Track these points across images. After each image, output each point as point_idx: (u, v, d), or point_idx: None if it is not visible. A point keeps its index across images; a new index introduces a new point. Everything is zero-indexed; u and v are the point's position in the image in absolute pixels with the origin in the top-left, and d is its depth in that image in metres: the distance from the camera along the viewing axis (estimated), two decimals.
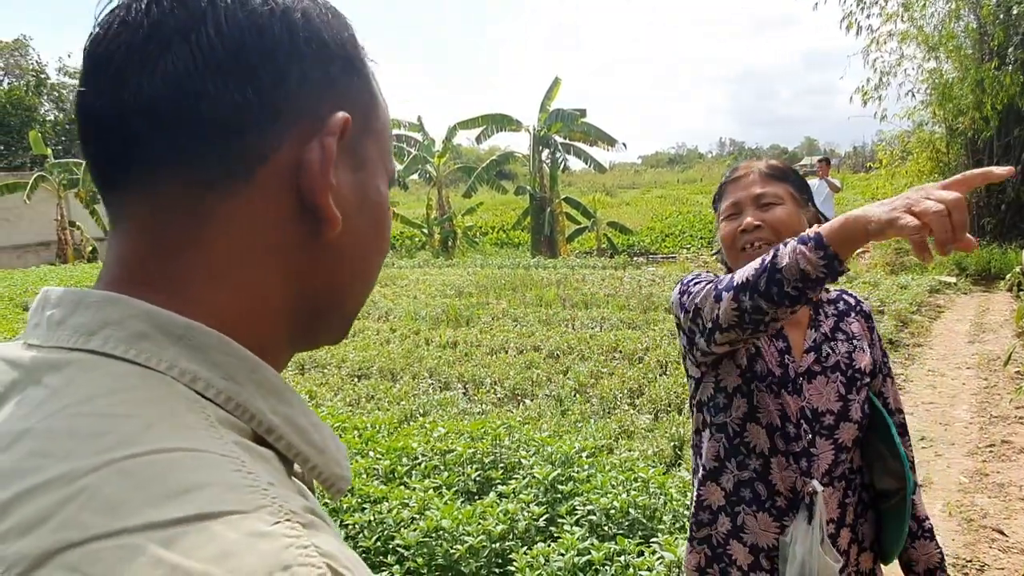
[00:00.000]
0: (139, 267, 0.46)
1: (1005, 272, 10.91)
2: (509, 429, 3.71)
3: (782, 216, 1.43)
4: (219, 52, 0.44)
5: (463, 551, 2.49)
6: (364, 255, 0.53)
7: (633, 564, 2.36)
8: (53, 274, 15.86)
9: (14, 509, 0.34)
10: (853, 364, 1.45)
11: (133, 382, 0.40)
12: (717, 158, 71.74)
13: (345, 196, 0.50)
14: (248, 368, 0.45)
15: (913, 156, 15.04)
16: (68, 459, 0.35)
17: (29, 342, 0.45)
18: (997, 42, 12.62)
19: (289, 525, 0.36)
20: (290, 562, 0.34)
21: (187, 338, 0.43)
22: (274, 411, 0.45)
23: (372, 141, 0.53)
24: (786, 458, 1.40)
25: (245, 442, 0.41)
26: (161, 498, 0.34)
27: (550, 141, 20.03)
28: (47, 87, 36.35)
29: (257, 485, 0.37)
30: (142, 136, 0.44)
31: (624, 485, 3.02)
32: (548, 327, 8.44)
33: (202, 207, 0.45)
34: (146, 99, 0.44)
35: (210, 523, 0.33)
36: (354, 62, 0.51)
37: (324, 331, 0.55)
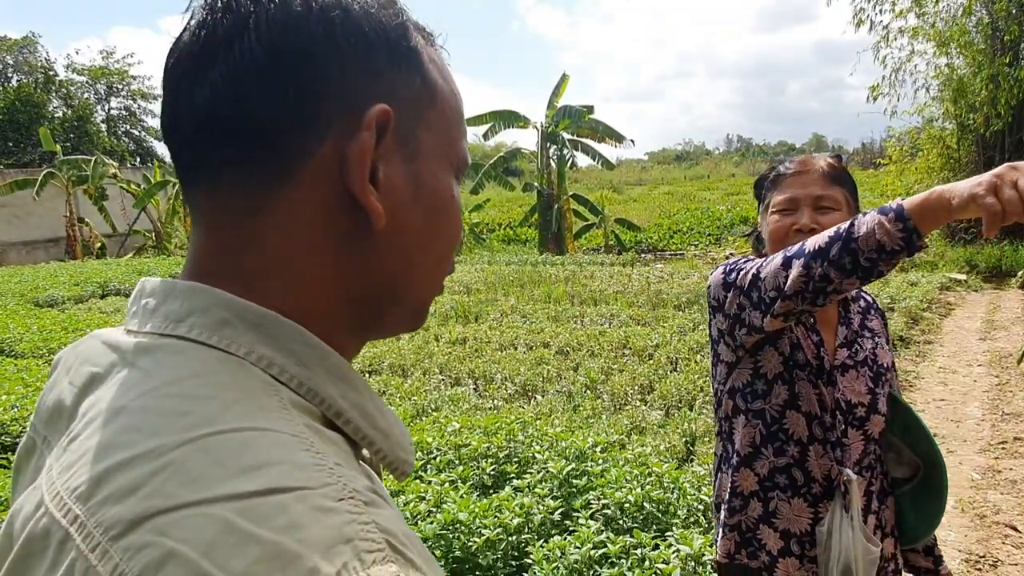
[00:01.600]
0: (213, 261, 0.49)
1: (1016, 269, 10.87)
2: (523, 424, 3.72)
3: (838, 223, 1.35)
4: (260, 58, 0.46)
5: (480, 544, 2.50)
6: (421, 245, 0.53)
7: (649, 557, 2.37)
8: (63, 270, 15.95)
9: (111, 478, 0.38)
10: (878, 360, 1.50)
11: (215, 366, 0.44)
12: (724, 154, 71.50)
13: (396, 187, 0.50)
14: (319, 355, 0.47)
15: (923, 152, 14.98)
16: (157, 435, 0.39)
17: (128, 328, 0.49)
18: (1010, 37, 12.54)
19: (352, 503, 0.38)
20: (352, 536, 0.36)
21: (263, 326, 0.46)
22: (343, 396, 0.47)
23: (428, 130, 0.53)
24: (823, 446, 1.43)
25: (315, 425, 0.44)
26: (237, 473, 0.37)
27: (558, 138, 20.01)
28: (56, 84, 36.52)
29: (324, 464, 0.39)
30: (198, 142, 0.48)
31: (638, 480, 3.03)
32: (557, 324, 8.45)
33: (256, 205, 0.48)
34: (198, 108, 0.47)
35: (280, 497, 0.36)
36: (402, 52, 0.51)
37: (391, 320, 0.55)
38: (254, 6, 0.47)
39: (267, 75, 0.46)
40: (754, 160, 59.96)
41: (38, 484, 0.43)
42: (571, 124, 19.64)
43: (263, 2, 0.47)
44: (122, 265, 16.90)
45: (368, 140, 0.47)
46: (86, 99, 37.59)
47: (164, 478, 0.36)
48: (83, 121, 34.60)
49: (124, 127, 40.00)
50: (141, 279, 0.52)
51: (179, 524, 0.35)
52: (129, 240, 24.55)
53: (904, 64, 14.32)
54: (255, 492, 0.36)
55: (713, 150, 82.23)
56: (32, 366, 5.82)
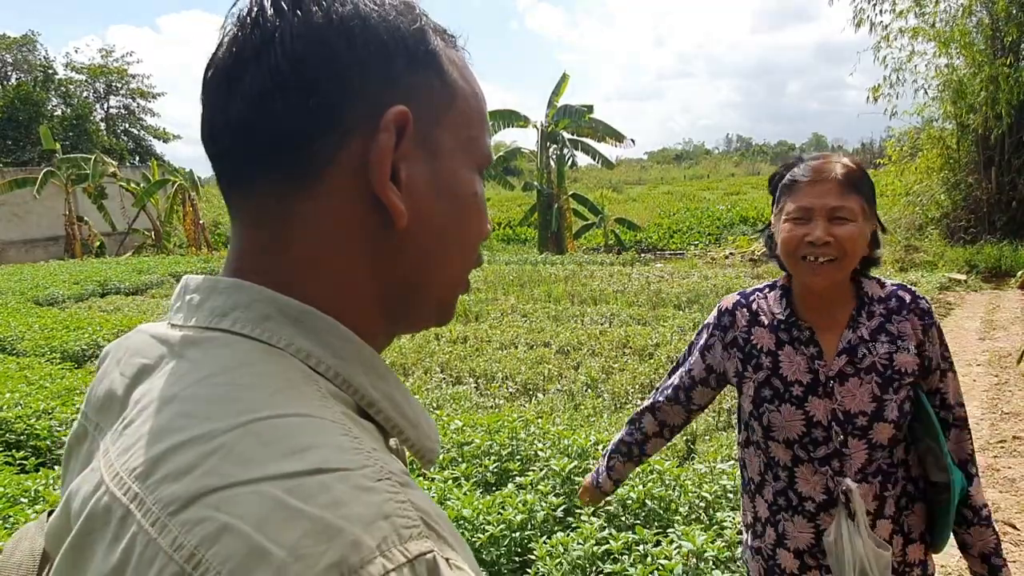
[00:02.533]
0: (253, 260, 0.53)
1: (1016, 269, 10.89)
2: (525, 423, 3.74)
3: (853, 234, 1.37)
4: (284, 70, 0.48)
5: (484, 540, 2.52)
6: (445, 241, 0.55)
7: (651, 553, 2.39)
8: (63, 269, 15.96)
9: (167, 459, 0.41)
10: (892, 365, 1.43)
11: (258, 357, 0.47)
12: (724, 154, 71.53)
13: (419, 186, 0.52)
14: (353, 348, 0.51)
15: (923, 152, 15.00)
16: (209, 420, 0.42)
17: (172, 322, 0.53)
18: (1011, 38, 12.56)
19: (389, 483, 0.41)
20: (390, 513, 0.39)
21: (303, 321, 0.49)
22: (375, 387, 0.51)
23: (448, 130, 0.54)
24: (812, 464, 1.45)
25: (350, 412, 0.47)
26: (284, 454, 0.40)
27: (558, 137, 20.02)
28: (55, 83, 36.45)
29: (362, 448, 0.42)
30: (233, 151, 0.52)
31: (640, 477, 3.05)
32: (557, 323, 8.46)
33: (288, 208, 0.51)
34: (232, 119, 0.50)
35: (324, 476, 0.39)
36: (420, 56, 0.53)
37: (418, 314, 0.58)
38: (280, 21, 0.49)
39: (292, 87, 0.48)
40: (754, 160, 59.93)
41: (96, 467, 0.46)
42: (571, 123, 19.65)
43: (288, 17, 0.49)
44: (122, 264, 16.90)
45: (387, 141, 0.49)
46: (85, 98, 37.53)
47: (217, 459, 0.40)
48: (82, 120, 34.54)
49: (123, 126, 39.92)
50: (185, 276, 0.55)
51: (233, 500, 0.38)
52: (128, 239, 24.55)
53: (904, 64, 14.34)
54: (301, 472, 0.39)
55: (713, 150, 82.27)
56: (34, 364, 5.83)
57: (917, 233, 14.58)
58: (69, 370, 5.70)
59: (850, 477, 1.42)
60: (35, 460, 3.60)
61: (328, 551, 0.36)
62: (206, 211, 26.27)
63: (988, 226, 13.69)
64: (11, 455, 3.57)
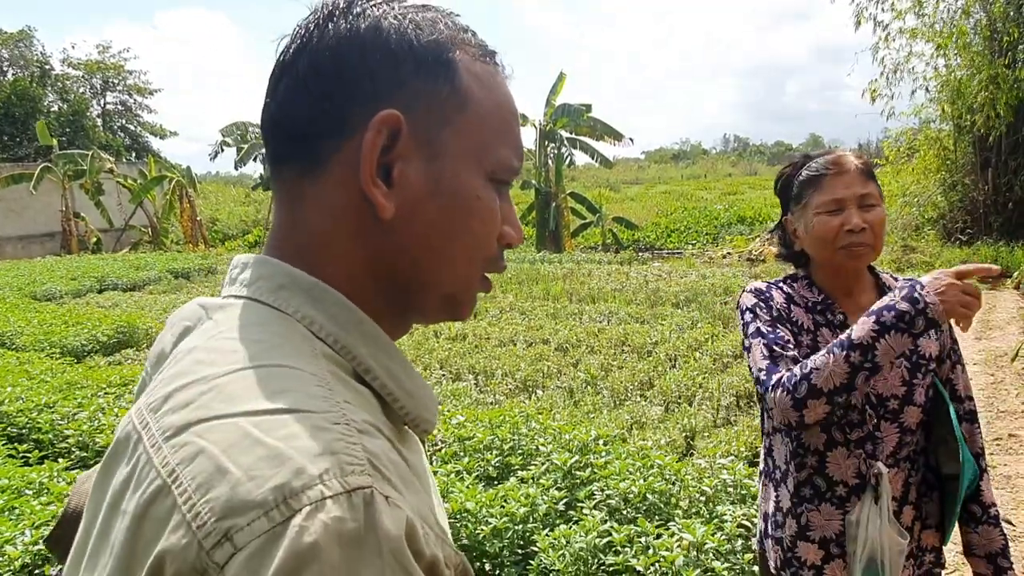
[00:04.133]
0: (278, 239, 0.61)
1: (1012, 270, 10.94)
2: (526, 418, 3.76)
3: (881, 217, 1.46)
4: (308, 77, 0.57)
5: (487, 532, 2.54)
6: (439, 236, 0.59)
7: (653, 545, 2.41)
8: (60, 265, 15.93)
9: (174, 396, 0.49)
10: (918, 350, 1.47)
11: (267, 319, 0.55)
12: (721, 154, 71.62)
13: (412, 183, 0.58)
14: (355, 320, 0.57)
15: (920, 153, 15.05)
16: (212, 366, 0.50)
17: (223, 293, 0.62)
18: (1009, 39, 12.59)
19: (346, 428, 0.46)
20: (338, 450, 0.44)
21: (312, 292, 0.57)
22: (373, 356, 0.57)
23: (455, 135, 0.59)
24: (847, 447, 1.46)
25: (340, 373, 0.53)
26: (261, 396, 0.47)
27: (556, 136, 20.03)
28: (51, 78, 36.34)
29: (330, 398, 0.48)
30: (270, 140, 0.61)
31: (641, 471, 3.07)
32: (556, 321, 8.49)
33: (302, 193, 0.59)
34: (271, 112, 0.60)
35: (288, 416, 0.46)
36: (430, 64, 0.58)
37: (422, 305, 0.62)
38: (317, 32, 0.58)
39: (310, 88, 0.57)
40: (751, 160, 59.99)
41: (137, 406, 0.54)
42: (569, 122, 19.67)
43: (322, 29, 0.58)
44: (119, 260, 16.87)
45: (371, 140, 0.55)
46: (82, 94, 37.41)
47: (209, 397, 0.47)
48: (79, 116, 34.41)
49: (120, 122, 39.77)
50: (236, 256, 0.65)
51: (213, 430, 0.45)
52: (125, 235, 24.49)
53: (902, 65, 14.39)
54: (271, 410, 0.46)
55: (710, 149, 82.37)
56: (34, 359, 5.83)
57: (914, 234, 14.63)
58: (70, 365, 5.70)
59: (881, 461, 1.44)
60: (38, 453, 3.61)
61: (276, 475, 0.42)
62: (203, 208, 26.24)
63: (985, 227, 13.75)
64: (14, 448, 3.58)
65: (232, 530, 0.41)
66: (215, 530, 0.41)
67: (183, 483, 0.43)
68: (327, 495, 0.42)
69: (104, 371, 5.44)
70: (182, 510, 0.43)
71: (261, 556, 0.40)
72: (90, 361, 6.72)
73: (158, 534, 0.43)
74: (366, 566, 0.41)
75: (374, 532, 0.42)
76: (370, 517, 0.42)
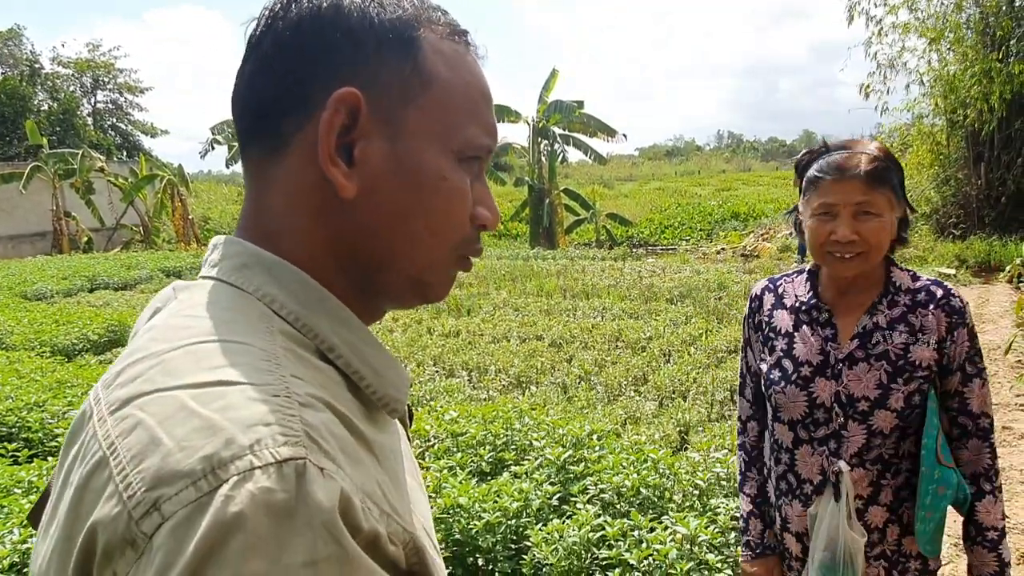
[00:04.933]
0: (246, 219, 0.61)
1: (1005, 264, 10.99)
2: (519, 413, 3.75)
3: (877, 230, 1.38)
4: (271, 56, 0.57)
5: (480, 527, 2.52)
6: (402, 216, 0.58)
7: (646, 538, 2.40)
8: (51, 264, 15.83)
9: (126, 371, 0.50)
10: (907, 356, 1.42)
11: (226, 297, 0.56)
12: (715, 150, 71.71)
13: (373, 162, 0.57)
14: (317, 298, 0.57)
15: (913, 148, 15.09)
16: (164, 342, 0.51)
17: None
18: (1003, 33, 12.62)
19: (286, 400, 0.46)
20: (272, 421, 0.44)
21: (273, 270, 0.57)
22: (337, 333, 0.56)
23: (419, 113, 0.58)
24: (811, 445, 1.48)
25: (298, 350, 0.53)
26: (203, 369, 0.47)
27: (549, 132, 20.01)
28: (41, 77, 36.08)
29: (275, 371, 0.48)
30: (237, 120, 0.61)
31: (634, 466, 3.06)
32: (550, 317, 8.48)
33: (266, 172, 0.59)
34: (238, 95, 0.60)
35: (227, 388, 0.45)
36: (391, 42, 0.57)
37: (387, 286, 0.61)
38: (282, 11, 0.58)
39: (274, 67, 0.57)
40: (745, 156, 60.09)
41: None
42: (562, 119, 19.65)
43: (287, 7, 0.58)
44: (110, 259, 16.78)
45: (329, 118, 0.55)
46: (72, 92, 37.14)
47: (155, 371, 0.48)
48: (69, 114, 34.17)
49: (111, 120, 39.51)
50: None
51: (153, 403, 0.45)
52: (116, 234, 24.37)
53: (895, 60, 14.41)
54: (211, 383, 0.46)
55: (704, 146, 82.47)
56: (24, 358, 5.78)
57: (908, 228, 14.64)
58: (60, 364, 5.66)
59: (844, 460, 1.44)
60: (27, 452, 3.57)
61: (206, 445, 0.42)
62: (195, 206, 26.11)
63: (977, 221, 13.80)
64: (3, 447, 3.54)
65: (160, 500, 0.41)
66: (144, 500, 0.41)
67: (120, 455, 0.44)
68: (256, 465, 0.41)
69: (95, 370, 5.40)
70: (115, 481, 0.43)
71: (187, 526, 0.40)
72: (81, 360, 6.67)
73: (94, 505, 0.43)
74: (295, 536, 0.40)
75: (305, 503, 0.41)
76: (301, 488, 0.41)
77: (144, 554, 0.40)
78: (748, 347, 1.65)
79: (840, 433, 1.45)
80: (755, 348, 1.62)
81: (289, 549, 0.40)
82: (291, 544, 0.40)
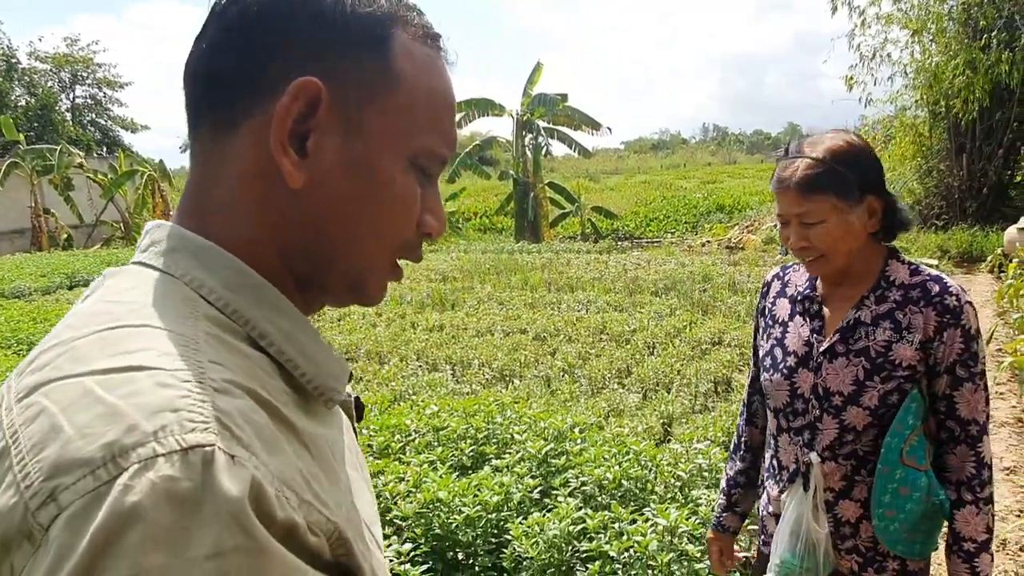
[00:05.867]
0: (186, 199, 0.58)
1: (987, 254, 11.08)
2: (501, 407, 3.71)
3: (823, 235, 1.38)
4: (233, 29, 0.55)
5: (460, 521, 2.49)
6: (347, 216, 0.57)
7: (627, 531, 2.38)
8: (30, 262, 15.60)
9: (38, 359, 0.48)
10: (887, 354, 1.38)
11: (150, 282, 0.53)
12: (701, 143, 71.98)
13: (325, 157, 0.55)
14: (250, 284, 0.54)
15: (896, 140, 15.18)
16: (78, 328, 0.49)
17: None
18: (986, 23, 12.69)
19: (197, 386, 0.44)
20: (180, 407, 0.42)
21: (202, 255, 0.54)
22: (270, 320, 0.54)
23: (379, 115, 0.56)
24: (790, 434, 1.51)
25: (225, 336, 0.50)
26: (112, 355, 0.45)
27: (533, 126, 19.97)
28: (18, 72, 35.51)
29: (191, 357, 0.46)
30: (189, 93, 0.58)
31: (616, 458, 3.04)
32: (534, 310, 8.45)
33: (213, 151, 0.56)
34: (194, 62, 0.57)
35: (136, 373, 0.43)
36: (362, 39, 0.55)
37: (323, 282, 0.59)
38: None
39: (234, 42, 0.55)
40: (730, 149, 60.34)
41: None
42: (546, 112, 19.61)
43: None
44: (89, 256, 16.58)
45: (286, 105, 0.53)
46: (50, 87, 36.62)
47: (64, 358, 0.46)
48: (47, 110, 33.70)
49: (90, 116, 38.95)
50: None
51: (58, 390, 0.44)
52: (96, 231, 24.07)
53: (878, 51, 14.47)
54: (118, 368, 0.44)
55: (690, 139, 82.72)
56: (0, 356, 5.69)
57: None
58: None
59: (817, 452, 1.44)
60: None
61: (108, 432, 0.40)
62: (176, 202, 25.81)
63: (960, 212, 13.92)
64: None
65: (57, 490, 0.39)
66: (41, 490, 0.39)
67: (21, 443, 0.42)
68: (159, 453, 0.39)
69: None
70: (14, 470, 0.41)
71: (83, 517, 0.38)
72: None
73: None
74: (200, 527, 0.38)
75: (211, 492, 0.39)
76: (207, 477, 0.40)
77: (41, 547, 0.39)
78: (756, 333, 1.69)
79: (815, 425, 1.45)
80: (760, 334, 1.66)
81: (193, 541, 0.38)
82: (195, 536, 0.38)
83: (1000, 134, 13.72)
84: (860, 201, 1.38)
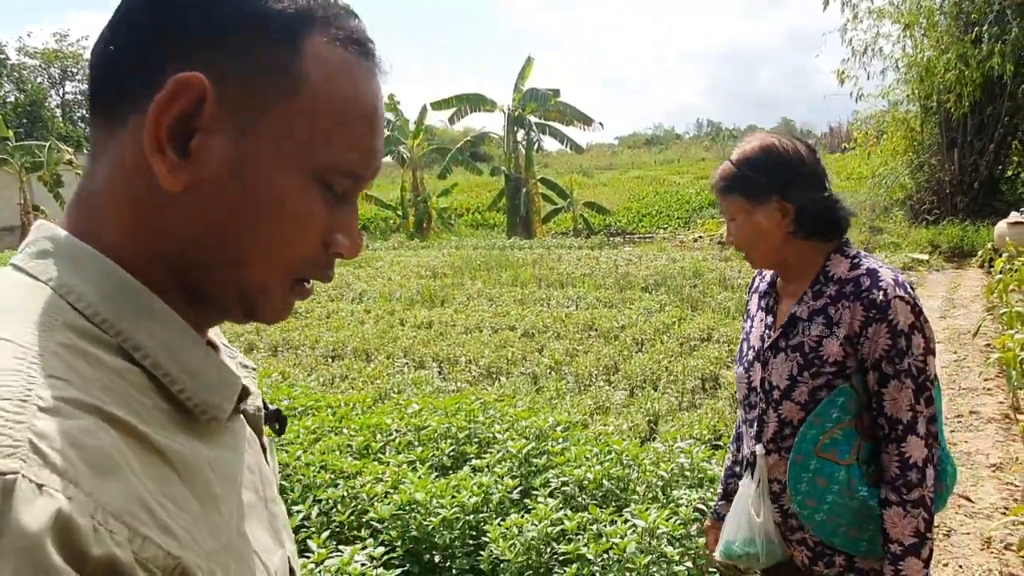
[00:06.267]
0: (76, 197, 0.54)
1: (977, 249, 11.09)
2: (483, 405, 3.67)
3: (736, 233, 1.49)
4: (123, 15, 0.52)
5: (436, 523, 2.45)
6: (231, 224, 0.52)
7: (605, 532, 2.34)
8: None
9: None
10: (818, 350, 1.39)
11: (14, 288, 0.48)
12: (694, 139, 71.93)
13: (210, 160, 0.50)
14: (125, 292, 0.50)
15: (888, 135, 15.18)
16: None
17: None
18: (975, 17, 12.69)
19: (18, 405, 0.39)
20: None
21: (75, 260, 0.50)
22: (146, 332, 0.49)
23: (278, 120, 0.51)
24: (746, 425, 1.58)
25: (84, 346, 0.46)
26: None
27: (524, 121, 19.91)
28: (7, 68, 35.25)
29: (20, 372, 0.41)
30: (89, 81, 0.54)
31: (598, 457, 3.00)
32: (523, 307, 8.42)
33: (99, 148, 0.53)
34: (92, 55, 0.54)
35: None
36: (264, 30, 0.50)
37: (213, 298, 0.55)
38: None
39: (121, 29, 0.51)
40: (724, 144, 60.30)
41: None
42: (538, 107, 19.56)
43: None
44: None
45: (164, 101, 0.48)
46: (39, 83, 36.37)
47: None
48: (36, 106, 33.47)
49: (80, 112, 38.70)
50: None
51: None
52: None
53: (870, 46, 14.46)
54: None
55: (683, 134, 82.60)
56: None
57: (882, 215, 14.78)
58: None
59: (762, 444, 1.50)
60: None
61: None
62: None
63: (951, 207, 13.93)
64: None
65: None
66: None
67: None
68: None
69: None
70: None
71: None
72: None
73: None
74: None
75: (8, 525, 0.36)
76: (5, 508, 0.36)
77: None
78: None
79: (763, 418, 1.50)
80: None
81: None
82: None
83: (991, 129, 13.72)
84: (766, 202, 1.42)
